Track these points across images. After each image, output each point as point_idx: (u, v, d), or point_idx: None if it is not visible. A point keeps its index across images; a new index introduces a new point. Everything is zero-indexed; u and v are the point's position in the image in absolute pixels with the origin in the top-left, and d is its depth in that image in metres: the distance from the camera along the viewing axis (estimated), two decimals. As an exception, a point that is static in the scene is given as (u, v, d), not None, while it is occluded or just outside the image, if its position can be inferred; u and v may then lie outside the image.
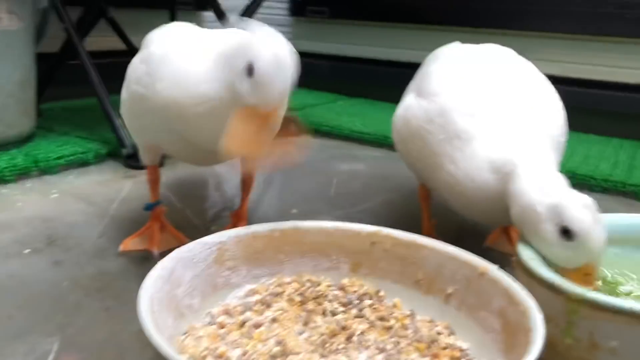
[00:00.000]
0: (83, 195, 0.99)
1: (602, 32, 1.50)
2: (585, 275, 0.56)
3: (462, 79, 0.69)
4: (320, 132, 1.49)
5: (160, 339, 0.39)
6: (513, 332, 0.47)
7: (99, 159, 1.17)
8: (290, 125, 0.61)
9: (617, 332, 0.50)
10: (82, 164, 1.14)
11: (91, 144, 1.19)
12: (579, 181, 1.15)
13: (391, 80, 1.80)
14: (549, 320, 0.54)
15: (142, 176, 1.09)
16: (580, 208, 0.56)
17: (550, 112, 0.68)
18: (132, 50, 1.48)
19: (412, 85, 0.80)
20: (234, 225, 0.81)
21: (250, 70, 0.55)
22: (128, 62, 0.74)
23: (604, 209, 1.03)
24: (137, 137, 0.76)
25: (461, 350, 0.51)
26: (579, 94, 1.54)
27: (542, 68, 1.68)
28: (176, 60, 0.64)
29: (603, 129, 1.52)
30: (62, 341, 0.58)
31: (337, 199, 1.04)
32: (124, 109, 0.74)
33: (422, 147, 0.70)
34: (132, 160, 1.14)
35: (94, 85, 1.22)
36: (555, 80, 1.72)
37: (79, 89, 1.42)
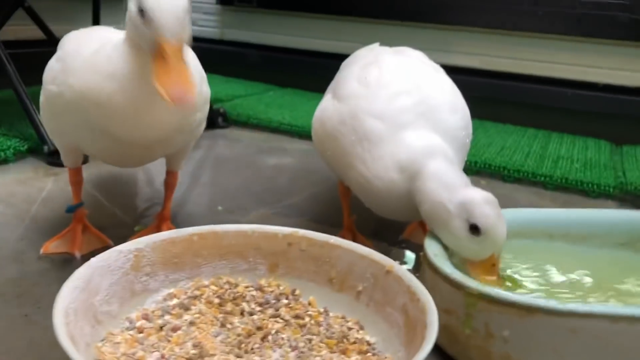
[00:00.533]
0: (1, 195, 0.97)
1: (517, 27, 1.58)
2: (491, 266, 0.62)
3: (373, 82, 0.72)
4: (249, 124, 1.50)
5: (73, 350, 0.41)
6: (413, 327, 0.51)
7: (19, 156, 1.14)
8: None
9: (508, 323, 0.55)
10: (1, 162, 1.11)
11: (10, 140, 1.16)
12: (494, 172, 1.22)
13: (321, 70, 1.82)
14: (450, 312, 0.58)
15: (64, 174, 1.07)
16: (485, 205, 0.61)
17: (455, 115, 0.72)
18: (52, 40, 1.44)
19: (330, 86, 0.83)
20: (158, 227, 0.82)
21: (141, 12, 0.56)
22: (48, 52, 0.73)
23: (516, 199, 1.11)
24: (57, 139, 0.76)
25: (369, 344, 0.55)
26: (497, 86, 1.62)
27: (462, 60, 1.74)
28: (86, 52, 0.65)
29: (519, 120, 1.60)
30: (-22, 351, 0.58)
31: (263, 195, 1.06)
32: (42, 112, 0.74)
33: (336, 148, 0.73)
34: (54, 158, 1.12)
35: (10, 77, 1.19)
36: (475, 73, 1.80)
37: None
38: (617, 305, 0.61)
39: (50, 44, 0.74)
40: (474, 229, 0.61)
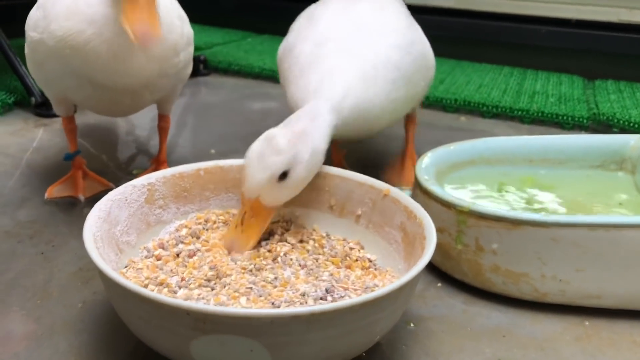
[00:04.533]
0: (-4, 146, 0.98)
1: (492, -34, 1.60)
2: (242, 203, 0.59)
3: (315, 16, 0.75)
4: (230, 71, 1.51)
5: (110, 270, 0.44)
6: (411, 241, 0.56)
7: (6, 108, 1.14)
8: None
9: (497, 236, 0.60)
10: (-11, 115, 1.12)
11: (-4, 93, 1.16)
12: (473, 108, 1.26)
13: (296, 16, 1.82)
14: (442, 231, 0.63)
15: (54, 124, 1.09)
16: (261, 140, 0.59)
17: (381, 50, 0.69)
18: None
19: None
20: (155, 170, 0.85)
21: None
22: (28, 3, 0.74)
23: (495, 133, 1.16)
24: (46, 90, 0.77)
25: (370, 261, 0.60)
26: (472, 25, 1.65)
27: (438, 1, 1.74)
28: (65, 4, 0.65)
29: (495, 59, 1.64)
30: (4, 285, 0.62)
31: (252, 138, 1.07)
32: (28, 63, 0.74)
33: (281, 76, 0.77)
34: (42, 109, 1.13)
35: (-9, 30, 1.18)
36: (450, 13, 1.81)
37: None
38: (594, 215, 0.67)
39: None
40: None
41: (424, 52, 0.76)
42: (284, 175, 0.58)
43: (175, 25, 0.71)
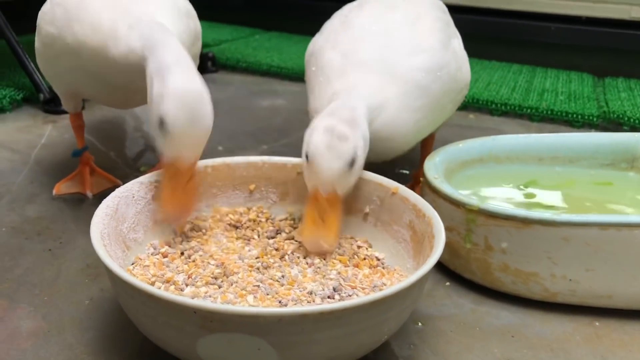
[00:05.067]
0: (4, 142, 0.98)
1: (502, -37, 1.59)
2: (315, 200, 0.57)
3: (349, 19, 0.73)
4: (238, 68, 1.51)
5: (117, 267, 0.44)
6: (420, 240, 0.56)
7: (15, 105, 1.15)
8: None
9: (506, 235, 0.59)
10: (-2, 111, 1.12)
11: (5, 90, 1.16)
12: (482, 106, 1.26)
13: (306, 12, 1.82)
14: (451, 229, 0.63)
15: (62, 120, 1.09)
16: (321, 133, 0.56)
17: (415, 58, 0.68)
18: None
19: None
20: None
21: (162, 125, 0.53)
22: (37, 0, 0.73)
23: (504, 131, 1.15)
24: (56, 85, 0.77)
25: (378, 259, 0.59)
26: (481, 23, 1.64)
27: (448, -2, 1.73)
28: (91, 6, 0.64)
29: (504, 56, 1.63)
30: (12, 281, 0.62)
31: (260, 135, 1.09)
32: (39, 58, 0.74)
33: (306, 78, 0.74)
34: (50, 105, 1.13)
35: (0, 26, 1.18)
36: (460, 10, 1.81)
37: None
38: (605, 214, 0.66)
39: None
40: (307, 156, 0.57)
41: (455, 75, 0.71)
42: (352, 161, 0.57)
43: (185, 26, 0.70)
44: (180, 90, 0.53)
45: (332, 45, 0.70)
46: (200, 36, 0.77)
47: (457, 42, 0.76)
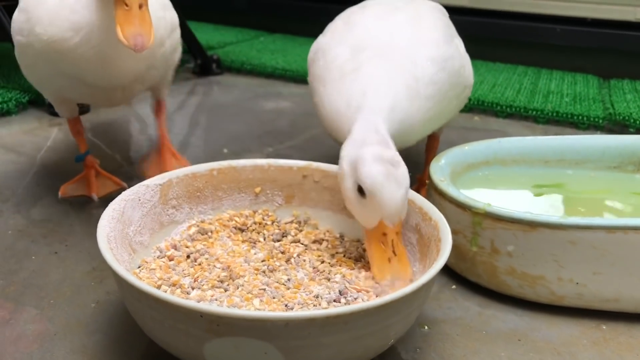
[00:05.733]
0: (10, 145, 0.99)
1: (506, -35, 1.59)
2: (381, 235, 0.54)
3: (353, 20, 0.73)
4: (243, 71, 1.51)
5: (124, 271, 0.44)
6: (426, 243, 0.55)
7: (21, 107, 1.15)
8: None
9: (513, 238, 0.59)
10: (4, 113, 1.12)
11: (10, 92, 1.17)
12: (487, 108, 1.25)
13: (311, 14, 1.82)
14: (457, 233, 0.63)
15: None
16: (374, 163, 0.53)
17: (418, 62, 0.66)
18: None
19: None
20: (158, 150, 0.87)
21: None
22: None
23: (509, 133, 1.15)
24: (43, 92, 0.78)
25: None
26: (486, 24, 1.64)
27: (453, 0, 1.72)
28: (49, 2, 0.65)
29: (509, 58, 1.63)
30: (18, 284, 0.62)
31: (265, 137, 1.09)
32: (21, 67, 0.74)
33: (311, 75, 0.73)
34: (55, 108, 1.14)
35: (5, 29, 1.18)
36: (464, 12, 1.80)
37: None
38: (612, 217, 0.66)
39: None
40: (360, 190, 0.54)
41: (460, 70, 0.71)
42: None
43: (160, 18, 0.70)
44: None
45: (339, 42, 0.70)
46: (177, 25, 0.77)
47: (459, 42, 0.77)
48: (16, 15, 0.70)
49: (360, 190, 0.53)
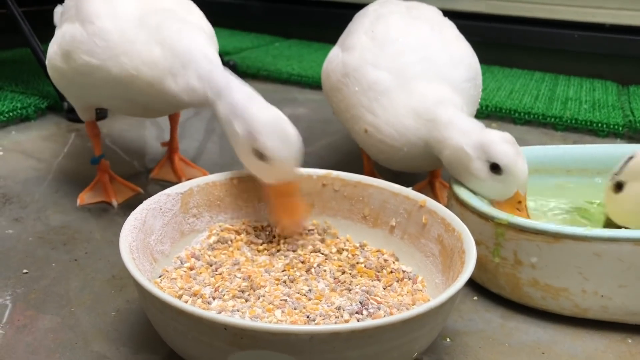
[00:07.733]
0: (29, 151, 0.99)
1: (524, -30, 1.57)
2: (517, 203, 0.64)
3: (379, 37, 0.73)
4: (259, 76, 1.51)
5: (147, 282, 0.44)
6: (449, 254, 0.55)
7: (39, 113, 1.16)
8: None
9: (536, 250, 0.58)
10: (23, 119, 1.13)
11: (29, 98, 1.17)
12: (505, 115, 1.24)
13: (325, 20, 1.82)
14: (479, 243, 0.62)
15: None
16: (503, 143, 0.63)
17: (458, 70, 0.72)
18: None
19: (340, 38, 0.84)
20: (169, 157, 0.91)
21: (262, 156, 0.58)
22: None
23: (527, 140, 1.14)
24: (75, 101, 0.78)
25: (404, 272, 0.59)
26: (503, 30, 1.63)
27: (469, 6, 1.73)
28: (137, 40, 0.65)
29: (527, 64, 1.62)
30: (39, 292, 0.62)
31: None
32: (60, 79, 0.74)
33: (341, 100, 0.75)
34: (74, 114, 1.13)
35: (25, 35, 1.19)
36: (481, 18, 1.79)
37: (7, 39, 1.37)
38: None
39: (62, 1, 0.76)
40: (495, 168, 0.62)
41: (480, 82, 0.77)
42: None
43: (215, 47, 0.71)
44: (267, 122, 0.59)
45: (374, 64, 0.71)
46: (214, 37, 0.78)
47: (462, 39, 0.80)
48: (80, 35, 0.67)
49: (494, 169, 0.62)
